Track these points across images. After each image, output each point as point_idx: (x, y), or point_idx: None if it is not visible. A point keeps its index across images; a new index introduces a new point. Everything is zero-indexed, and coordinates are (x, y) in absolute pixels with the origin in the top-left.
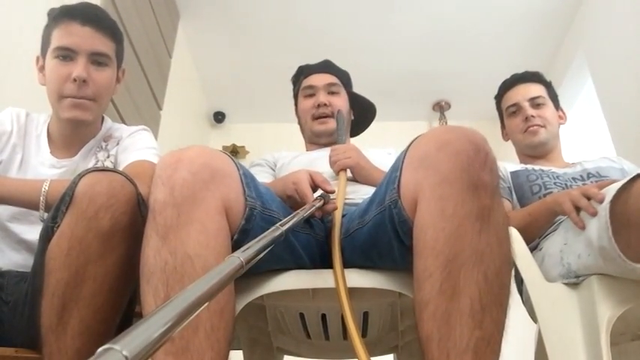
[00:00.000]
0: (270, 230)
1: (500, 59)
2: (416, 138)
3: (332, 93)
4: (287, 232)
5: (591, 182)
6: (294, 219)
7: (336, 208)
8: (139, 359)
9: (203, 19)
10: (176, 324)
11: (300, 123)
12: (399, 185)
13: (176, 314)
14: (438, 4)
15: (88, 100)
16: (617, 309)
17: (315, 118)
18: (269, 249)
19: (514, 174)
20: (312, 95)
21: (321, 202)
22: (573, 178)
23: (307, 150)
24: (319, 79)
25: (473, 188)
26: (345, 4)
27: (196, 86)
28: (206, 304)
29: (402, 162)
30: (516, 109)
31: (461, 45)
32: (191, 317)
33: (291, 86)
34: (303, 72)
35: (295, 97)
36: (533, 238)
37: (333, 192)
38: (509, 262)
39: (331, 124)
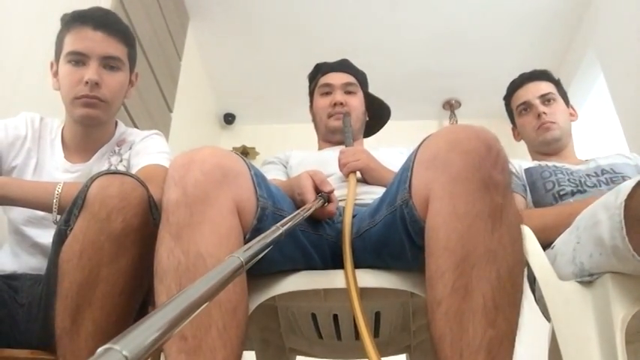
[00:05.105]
0: (270, 230)
1: (510, 57)
2: (426, 137)
3: (349, 92)
4: (286, 231)
5: (605, 179)
6: (295, 219)
7: (333, 210)
8: (139, 359)
9: (212, 21)
10: (176, 324)
11: (314, 120)
12: (410, 185)
13: (176, 314)
14: (448, 2)
15: (100, 100)
16: (631, 307)
17: (331, 116)
18: (269, 249)
19: (527, 171)
20: (328, 93)
21: (320, 201)
22: (587, 175)
23: (320, 148)
24: (337, 78)
25: (484, 187)
26: (355, 4)
27: (206, 88)
28: (206, 304)
29: (413, 162)
30: (527, 107)
31: (471, 43)
32: (191, 317)
33: (300, 87)
34: (320, 69)
35: (311, 94)
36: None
37: (331, 192)
38: (522, 261)
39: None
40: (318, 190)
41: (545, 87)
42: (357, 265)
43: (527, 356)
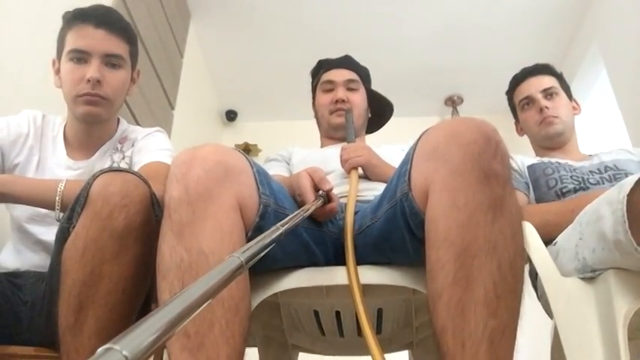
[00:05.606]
0: (270, 230)
1: (512, 52)
2: (426, 130)
3: (351, 89)
4: (286, 231)
5: (608, 176)
6: (295, 219)
7: (334, 210)
8: (139, 359)
9: (214, 18)
10: (176, 324)
11: (316, 117)
12: (409, 178)
13: (176, 314)
14: None
15: (102, 98)
16: (634, 303)
17: (332, 112)
18: (269, 248)
19: (530, 168)
20: (330, 90)
21: (320, 201)
22: (590, 171)
23: (322, 145)
24: (339, 75)
25: (484, 178)
26: (356, 0)
27: (208, 85)
28: (206, 304)
29: (413, 154)
30: (529, 101)
31: (473, 39)
32: (191, 317)
33: (302, 84)
34: (322, 66)
35: (313, 90)
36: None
37: (330, 190)
38: (523, 252)
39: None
40: (317, 188)
41: (548, 81)
42: (360, 261)
43: (530, 353)
